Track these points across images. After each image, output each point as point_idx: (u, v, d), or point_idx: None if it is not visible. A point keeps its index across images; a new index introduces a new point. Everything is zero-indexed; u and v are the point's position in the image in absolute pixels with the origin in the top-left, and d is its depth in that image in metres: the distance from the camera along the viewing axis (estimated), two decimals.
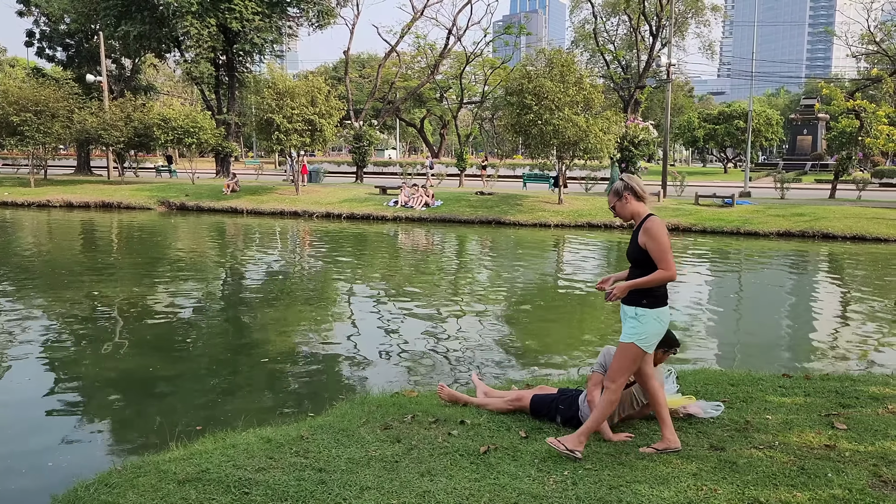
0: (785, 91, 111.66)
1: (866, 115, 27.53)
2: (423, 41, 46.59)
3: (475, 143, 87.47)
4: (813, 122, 53.25)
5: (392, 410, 5.32)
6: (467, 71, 49.17)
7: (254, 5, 35.73)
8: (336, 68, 64.81)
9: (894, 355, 8.58)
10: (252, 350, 8.85)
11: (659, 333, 4.29)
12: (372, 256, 17.75)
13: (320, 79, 28.88)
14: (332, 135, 28.45)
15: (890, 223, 20.58)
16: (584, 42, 56.45)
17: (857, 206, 24.12)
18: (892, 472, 3.99)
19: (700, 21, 56.92)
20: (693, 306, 11.64)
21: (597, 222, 22.99)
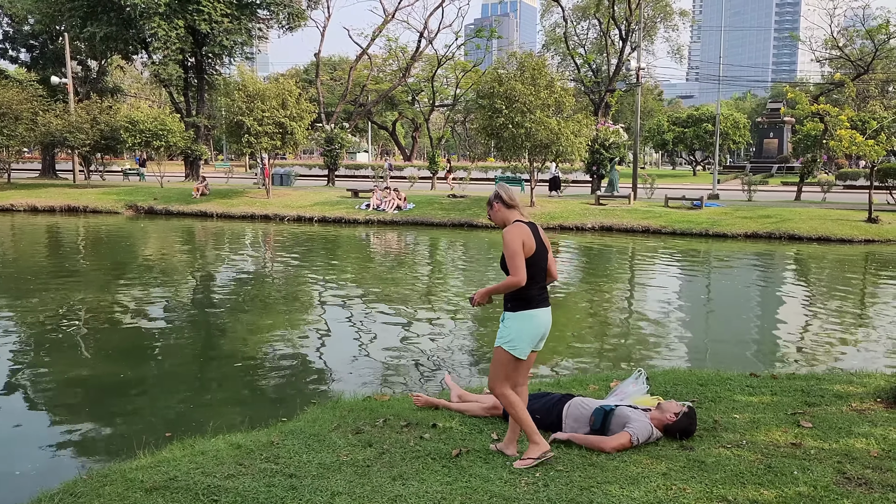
0: (752, 95, 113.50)
1: (830, 118, 28.07)
2: (395, 44, 46.56)
3: (447, 146, 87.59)
4: (779, 125, 54.17)
5: (364, 415, 5.29)
6: (439, 74, 49.25)
7: (223, 7, 35.38)
8: (307, 71, 64.49)
9: (858, 354, 8.76)
10: (223, 355, 8.76)
11: (527, 337, 4.25)
12: (344, 260, 17.66)
13: (291, 81, 28.71)
14: (303, 137, 28.27)
15: (854, 224, 21.01)
16: (554, 46, 56.87)
17: (822, 208, 24.59)
18: (855, 469, 4.06)
19: (668, 25, 57.70)
20: (663, 307, 11.76)
21: (569, 224, 23.15)
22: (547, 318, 4.37)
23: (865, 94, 59.70)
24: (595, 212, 24.39)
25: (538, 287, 4.32)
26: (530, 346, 4.31)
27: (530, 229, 4.33)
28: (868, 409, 5.16)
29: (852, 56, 47.17)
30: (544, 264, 4.36)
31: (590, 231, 22.79)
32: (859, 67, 43.34)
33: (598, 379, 6.42)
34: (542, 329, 4.35)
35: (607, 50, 47.53)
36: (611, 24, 44.33)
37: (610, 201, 26.52)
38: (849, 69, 45.48)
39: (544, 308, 4.35)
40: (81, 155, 36.07)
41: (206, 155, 41.68)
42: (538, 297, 4.31)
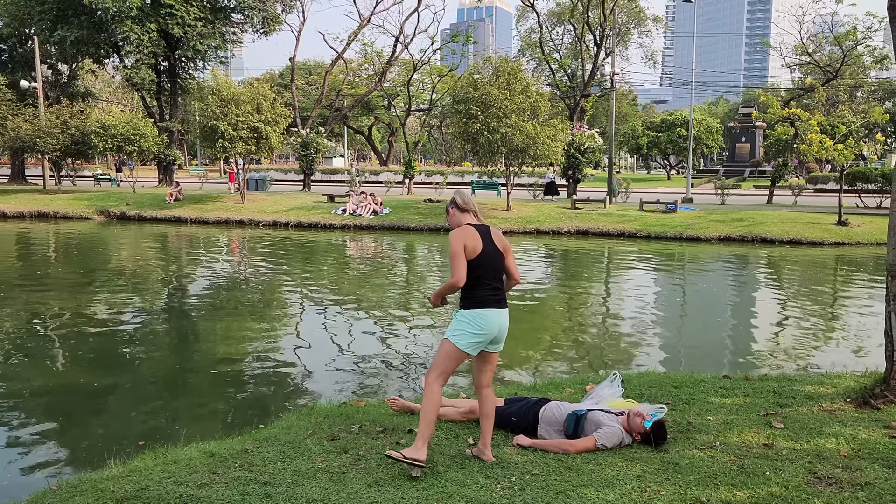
0: (724, 100, 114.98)
1: (801, 123, 28.53)
2: (371, 49, 46.49)
3: (424, 151, 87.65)
4: (751, 129, 54.97)
5: (339, 421, 5.26)
6: (415, 78, 49.23)
7: (196, 11, 35.07)
8: (282, 75, 64.16)
9: (829, 355, 8.89)
10: (197, 362, 8.66)
11: (473, 334, 4.32)
12: (320, 265, 17.57)
13: (266, 86, 28.51)
14: (278, 142, 28.08)
15: (824, 227, 21.36)
16: (530, 51, 57.21)
17: (793, 211, 24.97)
18: (826, 468, 4.12)
19: (642, 31, 58.31)
20: (639, 310, 11.85)
21: (545, 229, 23.25)
22: (498, 318, 4.40)
23: (835, 99, 60.81)
24: (571, 216, 24.53)
25: (489, 288, 4.39)
26: (477, 343, 4.36)
27: (479, 232, 4.41)
28: (838, 410, 5.23)
29: (821, 62, 48.02)
30: (496, 266, 4.45)
31: (566, 235, 22.91)
32: (828, 73, 44.12)
33: (574, 382, 6.44)
34: (493, 329, 4.39)
35: (582, 55, 47.90)
36: (585, 29, 44.66)
37: (586, 205, 26.69)
38: (818, 75, 46.28)
39: (495, 309, 4.40)
40: (52, 160, 35.50)
41: (179, 160, 41.24)
42: (489, 298, 4.38)
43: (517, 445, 4.67)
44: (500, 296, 4.46)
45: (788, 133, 29.44)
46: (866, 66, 56.70)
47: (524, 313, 11.89)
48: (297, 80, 44.24)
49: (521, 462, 4.36)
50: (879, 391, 5.35)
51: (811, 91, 39.77)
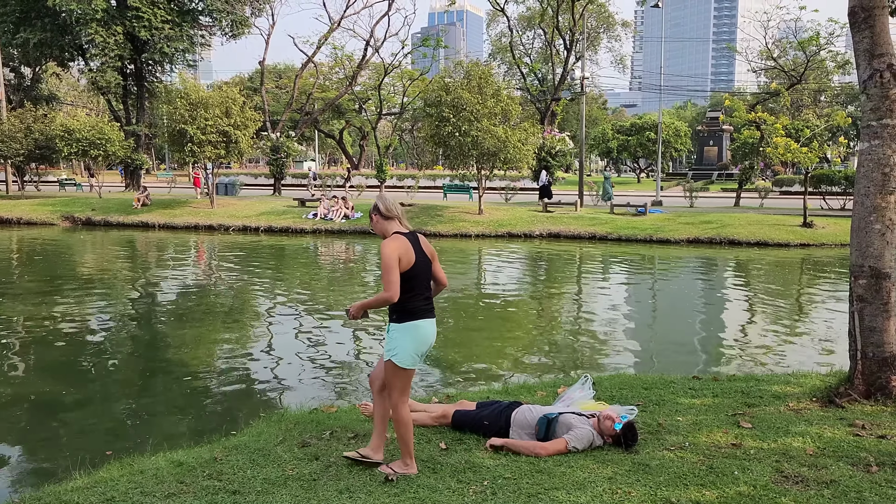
0: (692, 104, 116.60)
1: (766, 126, 29.03)
2: (341, 52, 46.31)
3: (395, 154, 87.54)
4: (718, 133, 55.76)
5: (310, 427, 5.21)
6: (386, 82, 49.14)
7: (163, 13, 34.65)
8: (252, 78, 63.62)
9: (796, 355, 9.03)
10: (166, 370, 8.52)
11: (410, 349, 4.26)
12: (291, 270, 17.43)
13: (235, 89, 28.28)
14: (248, 146, 27.84)
15: (790, 229, 21.74)
16: (501, 55, 57.50)
17: (759, 214, 25.38)
18: (792, 467, 4.18)
19: (611, 36, 58.94)
20: (610, 313, 11.94)
21: (517, 232, 23.33)
22: (432, 328, 4.36)
23: (799, 103, 61.99)
24: (543, 219, 24.65)
25: (422, 298, 4.32)
26: (418, 356, 4.32)
27: (409, 240, 4.31)
28: (804, 409, 5.32)
29: (786, 66, 48.91)
30: (427, 275, 4.36)
31: (538, 238, 23.01)
32: (793, 77, 44.96)
33: (546, 385, 6.47)
34: (428, 340, 4.35)
35: (552, 59, 48.27)
36: (555, 34, 45.03)
37: (557, 209, 26.85)
38: (783, 79, 47.14)
39: (429, 319, 4.34)
40: (15, 165, 34.78)
41: (146, 164, 40.65)
42: (422, 309, 4.31)
43: (490, 447, 4.67)
44: (431, 305, 4.40)
45: (754, 136, 29.95)
46: (829, 70, 57.91)
47: (497, 317, 11.91)
48: (266, 84, 43.89)
49: (492, 466, 4.35)
50: (844, 390, 5.44)
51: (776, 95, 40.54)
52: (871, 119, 5.37)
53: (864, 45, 5.40)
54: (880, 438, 4.59)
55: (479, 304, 12.91)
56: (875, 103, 5.34)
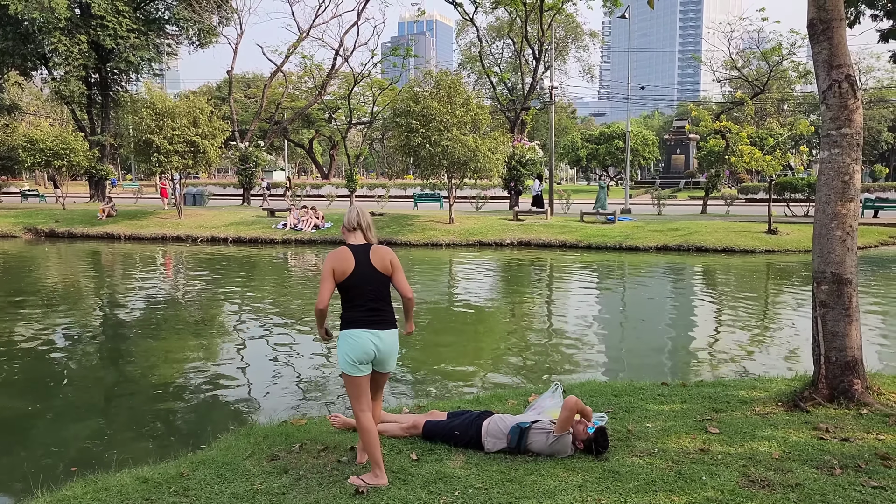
0: (659, 113, 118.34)
1: (731, 135, 29.54)
2: (310, 62, 46.08)
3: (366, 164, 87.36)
4: (685, 141, 56.64)
5: (279, 440, 5.16)
6: (356, 91, 49.06)
7: (129, 22, 34.24)
8: (220, 88, 63.10)
9: (762, 360, 9.17)
10: (133, 384, 8.37)
11: (349, 356, 4.34)
12: (261, 281, 17.26)
13: (203, 99, 28.00)
14: (216, 156, 27.56)
15: (755, 236, 22.11)
16: (470, 64, 57.77)
17: (726, 221, 25.79)
18: (759, 471, 4.23)
19: (580, 46, 59.54)
20: (581, 320, 12.01)
21: (488, 241, 23.40)
22: (371, 338, 4.37)
23: (763, 113, 63.23)
24: (513, 227, 24.76)
25: (363, 309, 4.39)
26: (357, 365, 4.36)
27: (355, 252, 4.42)
28: (770, 413, 5.39)
29: (750, 76, 49.85)
30: (371, 286, 4.42)
31: (509, 247, 23.10)
32: (756, 87, 45.81)
33: (517, 394, 6.47)
34: (367, 349, 4.36)
35: (521, 69, 48.59)
36: (524, 43, 45.31)
37: (528, 217, 26.99)
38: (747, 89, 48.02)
39: (368, 330, 4.37)
40: None
41: (112, 175, 40.03)
42: (361, 319, 4.38)
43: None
44: (378, 317, 4.42)
45: (720, 145, 30.48)
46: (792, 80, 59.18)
47: (468, 326, 11.91)
48: (235, 93, 43.55)
49: (463, 476, 4.34)
50: (808, 394, 5.54)
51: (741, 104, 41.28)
52: (830, 128, 5.50)
53: (822, 57, 5.53)
54: (843, 441, 4.67)
55: (450, 313, 12.90)
56: (834, 113, 5.47)
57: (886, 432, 4.80)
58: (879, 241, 22.41)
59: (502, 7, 44.35)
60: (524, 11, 41.65)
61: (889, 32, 28.17)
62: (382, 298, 4.46)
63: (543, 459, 4.63)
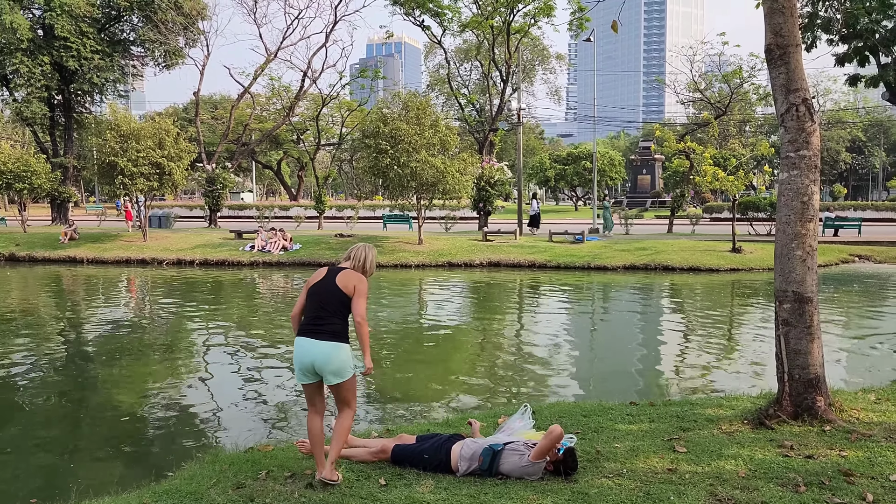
0: (625, 134, 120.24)
1: (695, 156, 30.11)
2: (278, 83, 46.08)
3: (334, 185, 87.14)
4: (650, 162, 57.57)
5: (245, 467, 5.06)
6: (324, 113, 49.04)
7: (93, 43, 33.89)
8: (187, 109, 62.67)
9: (729, 378, 9.27)
10: (94, 412, 8.17)
11: (295, 361, 4.79)
12: (228, 304, 17.03)
13: (168, 120, 27.73)
14: (182, 178, 27.25)
15: (720, 255, 22.46)
16: (439, 86, 58.16)
17: (691, 240, 26.17)
18: (725, 490, 4.26)
19: (546, 68, 60.33)
20: (550, 341, 12.04)
21: (457, 262, 23.41)
22: (306, 346, 4.70)
23: (726, 133, 64.60)
24: (483, 248, 24.84)
25: (309, 318, 4.79)
26: (297, 370, 4.76)
27: (328, 271, 4.94)
28: (736, 431, 5.44)
29: (712, 98, 50.92)
30: (322, 299, 4.78)
31: (478, 267, 23.14)
32: (718, 109, 46.77)
33: (486, 416, 6.45)
34: (301, 357, 4.73)
35: (489, 91, 49.05)
36: (492, 66, 45.80)
37: (497, 237, 27.11)
38: (710, 110, 49.02)
39: (305, 338, 4.72)
40: None
41: (74, 197, 39.36)
42: (303, 328, 4.79)
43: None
44: (318, 327, 4.71)
45: (684, 165, 31.01)
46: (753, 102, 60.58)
47: (437, 347, 11.87)
48: (202, 115, 43.24)
49: (433, 501, 4.30)
50: (773, 411, 5.60)
51: (704, 126, 42.16)
52: (789, 150, 5.62)
53: (780, 81, 5.67)
54: (808, 458, 4.73)
55: (419, 335, 12.86)
56: (792, 135, 5.60)
57: (848, 449, 4.88)
58: (840, 259, 22.91)
59: (470, 30, 44.82)
60: (491, 34, 42.14)
61: (844, 56, 29.00)
62: (331, 313, 4.72)
63: (513, 482, 4.61)
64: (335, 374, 4.68)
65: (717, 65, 51.36)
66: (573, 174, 68.53)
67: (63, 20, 32.63)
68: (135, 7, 35.40)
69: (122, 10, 35.86)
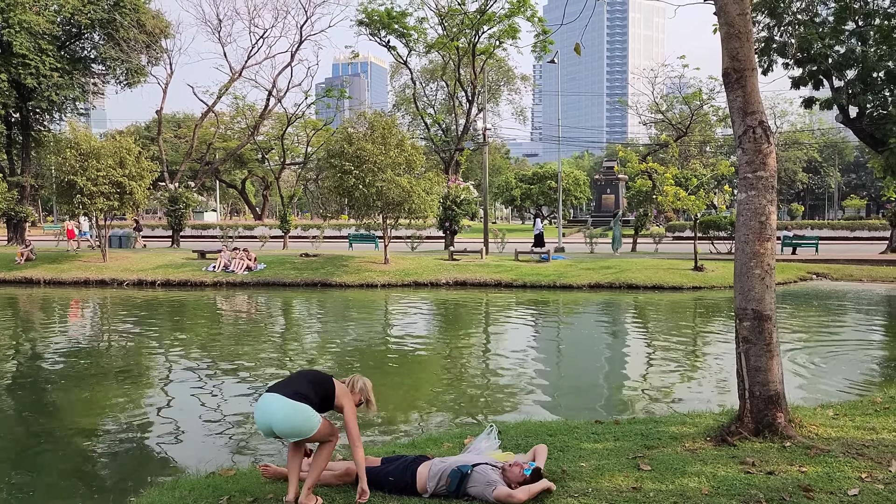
0: (590, 154, 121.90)
1: (657, 176, 30.62)
2: (242, 102, 45.82)
3: (300, 204, 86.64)
4: (614, 181, 58.34)
5: (206, 493, 4.95)
6: (289, 132, 48.87)
7: (52, 61, 33.35)
8: (149, 128, 61.91)
9: (692, 395, 9.38)
10: (50, 439, 7.92)
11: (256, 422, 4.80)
12: (190, 326, 16.74)
13: (130, 139, 27.31)
14: (143, 197, 26.82)
15: (682, 273, 22.80)
16: (405, 106, 58.42)
17: (655, 258, 26.52)
18: None
19: (511, 89, 61.01)
20: (517, 360, 12.06)
21: (423, 281, 23.37)
22: (263, 402, 4.64)
23: (687, 154, 65.88)
24: (449, 267, 24.85)
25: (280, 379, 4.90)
26: (260, 429, 4.75)
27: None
28: (699, 448, 5.50)
29: (673, 120, 51.97)
30: (302, 377, 4.90)
31: (444, 287, 23.13)
32: (679, 129, 47.78)
33: (452, 437, 6.42)
34: (258, 417, 4.67)
35: (455, 110, 49.40)
36: (457, 86, 46.19)
37: (463, 256, 27.16)
38: (671, 131, 50.00)
39: (266, 394, 4.68)
40: None
41: (31, 217, 38.48)
42: (269, 386, 4.78)
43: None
44: (280, 384, 4.72)
45: (647, 185, 31.51)
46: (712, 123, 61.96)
47: (403, 368, 11.80)
48: (164, 133, 42.78)
49: None
50: (735, 428, 5.68)
51: (665, 146, 42.97)
52: (746, 171, 5.75)
53: (737, 104, 5.81)
54: (769, 475, 4.79)
55: (385, 355, 12.78)
56: (750, 157, 5.73)
57: (808, 464, 4.96)
58: (798, 277, 23.41)
59: (436, 51, 45.16)
60: (457, 55, 42.53)
61: (800, 80, 29.91)
62: (305, 381, 4.75)
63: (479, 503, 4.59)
64: (297, 435, 4.62)
65: (678, 87, 52.55)
66: (539, 193, 69.22)
67: (21, 37, 32.07)
68: (96, 25, 34.95)
69: (82, 27, 35.39)
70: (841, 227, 46.59)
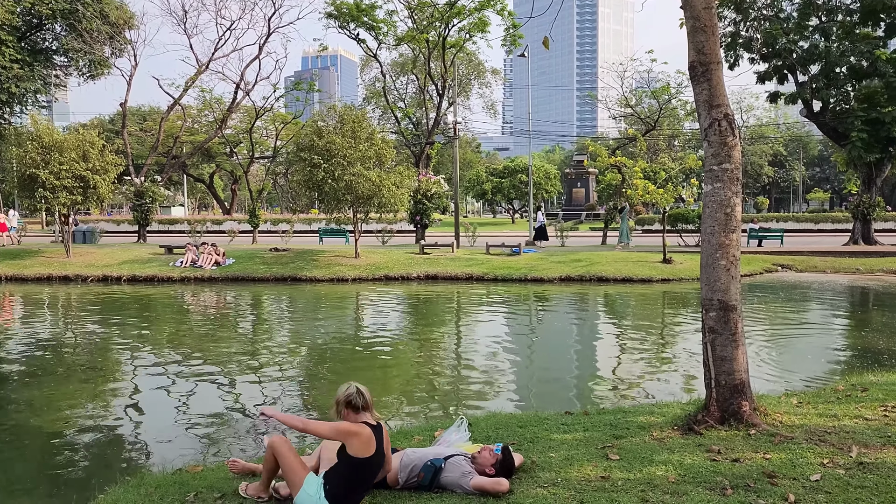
0: (560, 148, 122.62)
1: (627, 169, 30.91)
2: (210, 95, 45.17)
3: (269, 199, 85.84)
4: (584, 175, 58.77)
5: (172, 490, 4.89)
6: (258, 125, 48.34)
7: (12, 52, 32.58)
8: (113, 121, 60.84)
9: (661, 385, 9.49)
10: (10, 438, 7.75)
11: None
12: (157, 322, 16.49)
13: (94, 132, 26.78)
14: (108, 192, 26.32)
15: (651, 265, 23.05)
16: (375, 99, 58.19)
17: (624, 251, 26.77)
18: (656, 495, 4.33)
19: (482, 83, 61.10)
20: (488, 353, 12.09)
21: (394, 275, 23.32)
22: None
23: (655, 148, 66.59)
24: (420, 261, 24.82)
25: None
26: None
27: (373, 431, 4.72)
28: (667, 438, 5.56)
29: (642, 114, 52.46)
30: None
31: (415, 280, 23.10)
32: (648, 124, 48.23)
33: (423, 429, 6.42)
34: None
35: (426, 104, 49.34)
36: (428, 80, 46.10)
37: (434, 250, 27.14)
38: (640, 125, 50.47)
39: None
40: None
41: None
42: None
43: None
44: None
45: (616, 179, 31.77)
46: (681, 118, 62.67)
47: (374, 361, 11.76)
48: (130, 127, 42.00)
49: None
50: (701, 417, 5.75)
51: (634, 140, 43.37)
52: (712, 164, 5.81)
53: (703, 97, 5.87)
54: (734, 462, 4.87)
55: (355, 349, 12.72)
56: (715, 149, 5.79)
57: (772, 451, 5.04)
58: (764, 269, 23.82)
59: (405, 44, 44.99)
60: (427, 48, 42.42)
61: (765, 74, 30.40)
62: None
63: (450, 494, 4.59)
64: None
65: (647, 81, 53.02)
66: (510, 187, 69.43)
67: None
68: (58, 15, 34.21)
69: (43, 18, 34.62)
70: (805, 219, 47.49)
